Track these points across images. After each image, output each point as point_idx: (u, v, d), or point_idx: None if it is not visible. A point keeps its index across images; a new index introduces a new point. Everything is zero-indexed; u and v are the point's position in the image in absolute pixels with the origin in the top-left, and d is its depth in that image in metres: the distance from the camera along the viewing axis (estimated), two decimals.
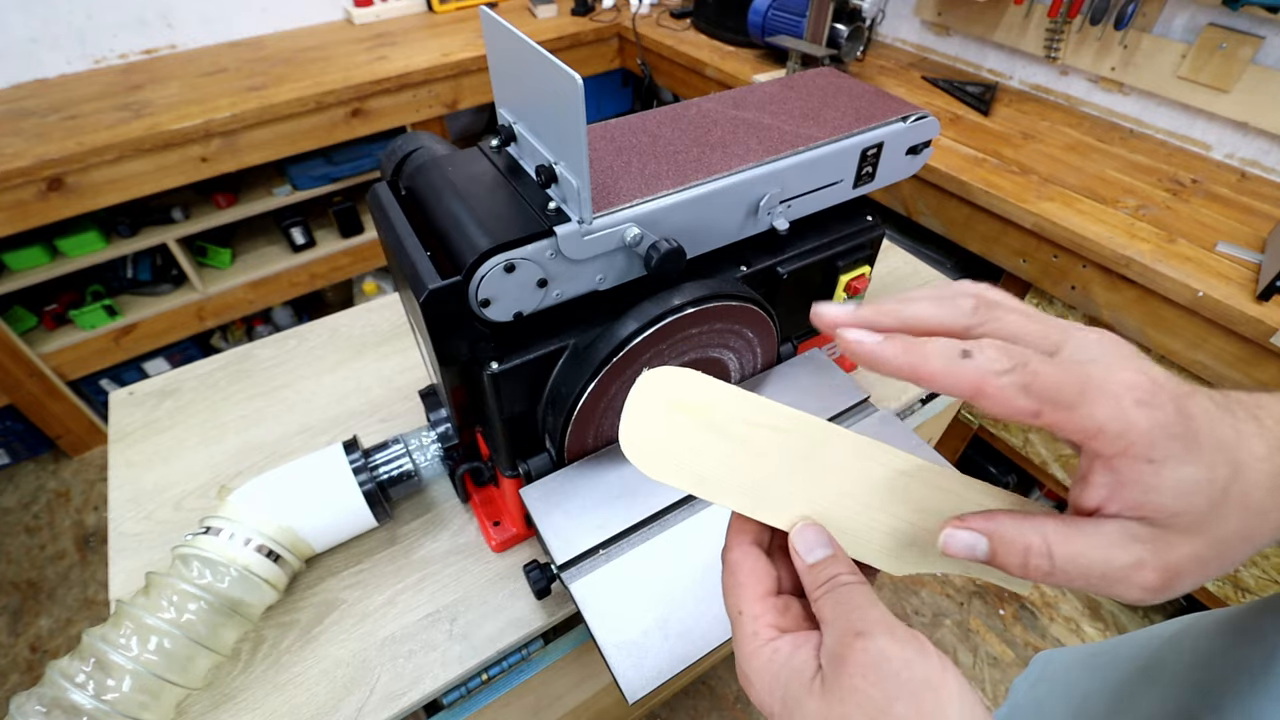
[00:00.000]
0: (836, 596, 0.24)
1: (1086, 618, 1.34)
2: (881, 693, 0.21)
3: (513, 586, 0.58)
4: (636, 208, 0.44)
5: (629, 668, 0.44)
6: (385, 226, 0.48)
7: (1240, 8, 1.06)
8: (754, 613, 0.26)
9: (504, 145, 0.48)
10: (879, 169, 0.57)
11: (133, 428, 0.72)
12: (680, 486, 0.28)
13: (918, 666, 0.21)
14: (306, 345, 0.82)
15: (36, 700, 0.41)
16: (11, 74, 1.53)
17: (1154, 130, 1.29)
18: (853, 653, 0.22)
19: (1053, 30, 1.32)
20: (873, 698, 0.21)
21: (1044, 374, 0.21)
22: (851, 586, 0.25)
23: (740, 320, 0.52)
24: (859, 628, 0.23)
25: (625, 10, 1.89)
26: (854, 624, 0.23)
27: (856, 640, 0.22)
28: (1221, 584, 1.10)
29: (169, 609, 0.46)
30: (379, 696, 0.51)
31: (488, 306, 0.42)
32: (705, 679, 1.26)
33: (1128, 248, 0.98)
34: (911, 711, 0.21)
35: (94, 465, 1.72)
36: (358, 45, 1.71)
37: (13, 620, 1.42)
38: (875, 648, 0.22)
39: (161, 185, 1.40)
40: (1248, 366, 0.91)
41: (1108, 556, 0.22)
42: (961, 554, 0.24)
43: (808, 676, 0.23)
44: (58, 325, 1.55)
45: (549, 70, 0.37)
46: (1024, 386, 0.21)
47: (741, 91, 0.59)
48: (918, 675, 0.21)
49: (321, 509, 0.54)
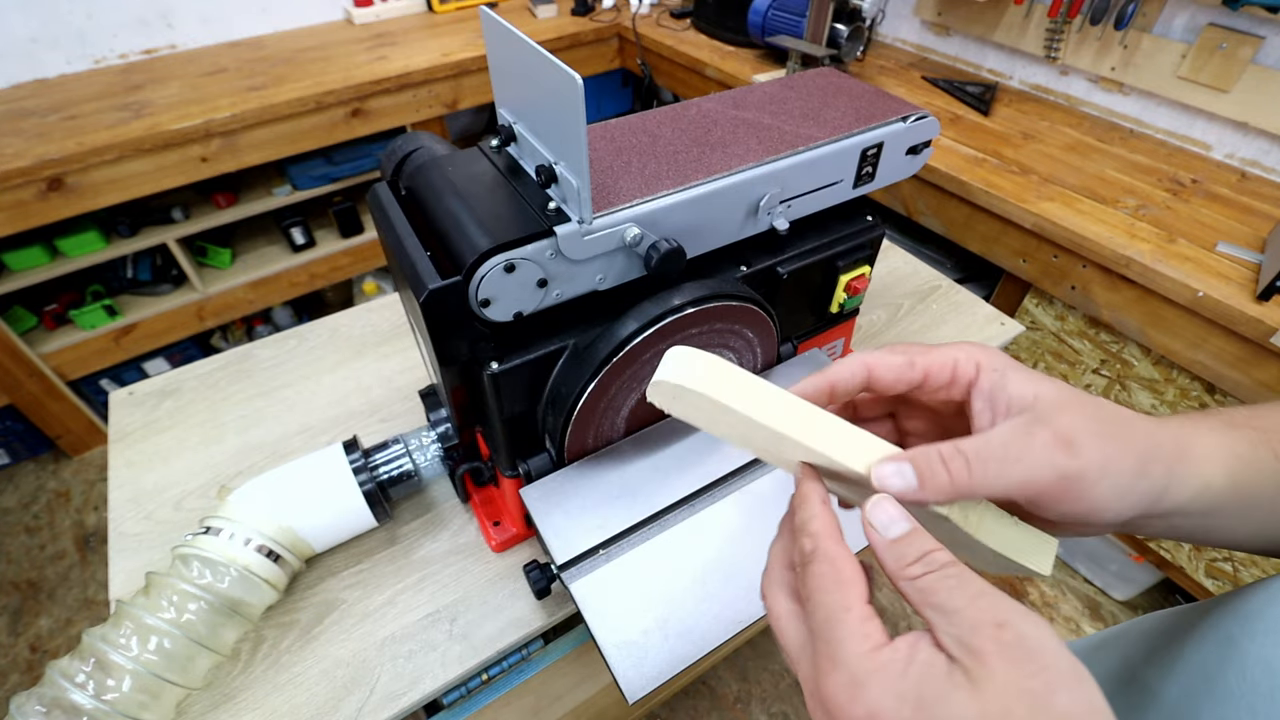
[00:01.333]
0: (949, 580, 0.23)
1: (1086, 618, 1.34)
2: (1042, 683, 0.20)
3: (513, 586, 0.58)
4: (636, 208, 0.44)
5: (629, 668, 0.44)
6: (385, 226, 0.48)
7: (1240, 8, 1.06)
8: (865, 613, 0.24)
9: (504, 145, 0.48)
10: (879, 169, 0.57)
11: (133, 428, 0.72)
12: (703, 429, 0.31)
13: (1064, 654, 0.21)
14: (306, 345, 0.82)
15: (36, 700, 0.41)
16: (11, 74, 1.53)
17: (1154, 130, 1.29)
18: (999, 644, 0.21)
19: (1053, 30, 1.32)
20: (1032, 689, 0.20)
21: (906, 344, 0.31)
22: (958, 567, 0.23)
23: (740, 320, 0.52)
24: (998, 617, 0.21)
25: (625, 10, 1.89)
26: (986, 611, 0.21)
27: (999, 631, 0.21)
28: (1221, 584, 1.11)
29: (169, 609, 0.46)
30: (379, 696, 0.51)
31: (488, 306, 0.42)
32: (705, 679, 1.26)
33: (1128, 248, 0.98)
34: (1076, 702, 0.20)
35: (94, 465, 1.72)
36: (358, 45, 1.71)
37: (13, 620, 1.42)
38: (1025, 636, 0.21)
39: (161, 185, 1.40)
40: (1248, 366, 0.91)
41: (1006, 439, 0.26)
42: (894, 485, 0.26)
43: (943, 672, 0.21)
44: (58, 325, 1.55)
45: (549, 70, 0.37)
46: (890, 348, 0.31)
47: (741, 91, 0.59)
48: (1065, 663, 0.20)
49: (321, 509, 0.54)
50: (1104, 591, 1.37)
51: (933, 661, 0.22)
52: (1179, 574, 1.17)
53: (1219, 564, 1.10)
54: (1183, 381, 1.02)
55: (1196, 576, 1.14)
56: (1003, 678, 0.20)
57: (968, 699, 0.20)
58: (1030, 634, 0.21)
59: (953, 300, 0.87)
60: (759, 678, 1.27)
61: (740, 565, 0.49)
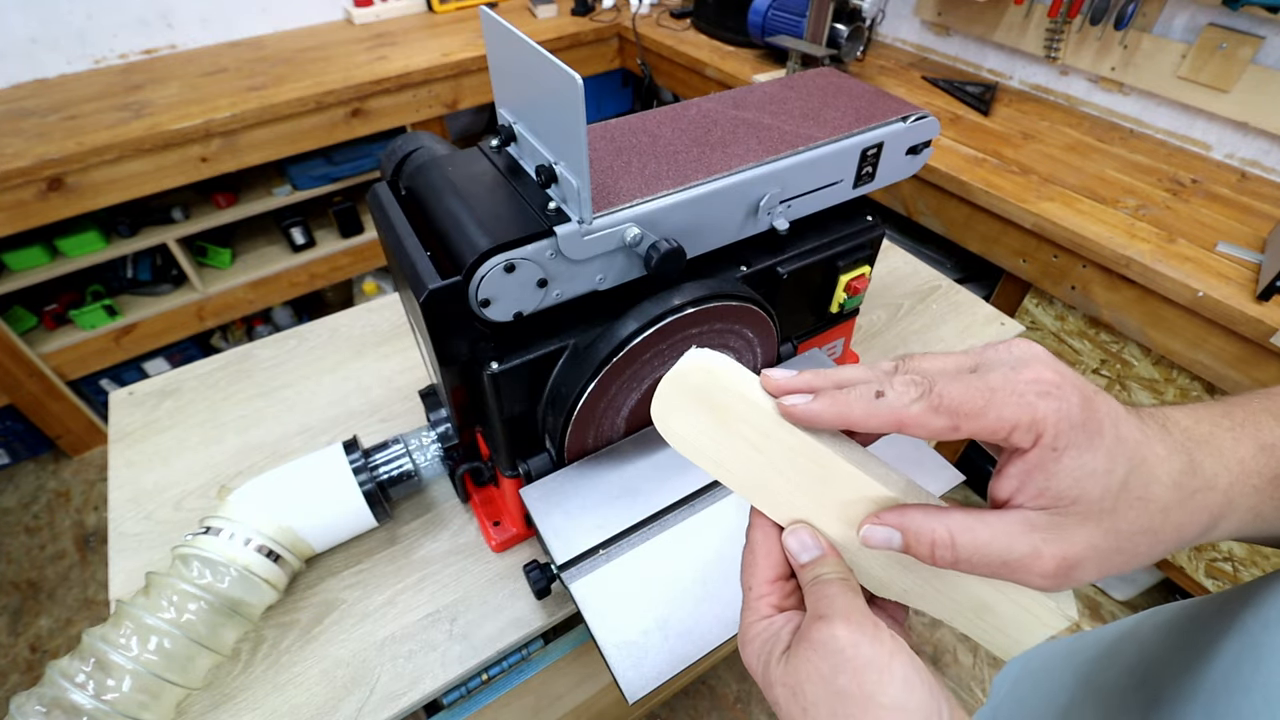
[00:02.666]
0: (816, 589, 0.28)
1: (1086, 618, 1.34)
2: (829, 666, 0.25)
3: (513, 586, 0.58)
4: (636, 208, 0.44)
5: (629, 668, 0.44)
6: (385, 226, 0.48)
7: (1240, 8, 1.06)
8: (760, 592, 0.30)
9: (504, 145, 0.48)
10: (879, 169, 0.57)
11: (133, 428, 0.72)
12: (699, 465, 0.31)
13: (864, 648, 0.25)
14: (306, 345, 0.82)
15: (36, 700, 0.41)
16: (11, 74, 1.53)
17: (1154, 130, 1.29)
18: (812, 632, 0.26)
19: (1053, 30, 1.32)
20: (820, 670, 0.25)
21: (950, 393, 0.24)
22: (830, 580, 0.28)
23: (740, 320, 0.52)
24: (822, 613, 0.26)
25: (625, 10, 1.89)
26: (819, 609, 0.27)
27: (816, 622, 0.26)
28: (1221, 583, 1.11)
29: (169, 609, 0.46)
30: (379, 696, 0.51)
31: (488, 306, 0.42)
32: (705, 679, 1.26)
33: (1128, 248, 0.98)
34: (853, 685, 0.24)
35: (94, 465, 1.72)
36: (358, 45, 1.71)
37: (13, 620, 1.42)
38: (829, 629, 0.25)
39: (161, 185, 1.40)
40: (1248, 366, 0.91)
41: (1007, 545, 0.24)
42: (879, 545, 0.27)
43: (781, 649, 0.27)
44: (58, 325, 1.55)
45: (549, 70, 0.37)
46: (934, 408, 0.24)
47: (741, 91, 0.59)
48: (863, 655, 0.25)
49: (321, 509, 0.54)
50: (1104, 591, 1.37)
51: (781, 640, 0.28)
52: (1179, 574, 1.17)
53: (1219, 564, 1.10)
54: (1183, 381, 1.02)
55: (1196, 576, 1.14)
56: (804, 657, 0.26)
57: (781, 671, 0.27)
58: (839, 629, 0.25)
59: (953, 300, 0.87)
60: None
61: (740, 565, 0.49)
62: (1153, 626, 0.39)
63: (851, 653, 0.25)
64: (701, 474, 0.53)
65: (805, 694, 0.25)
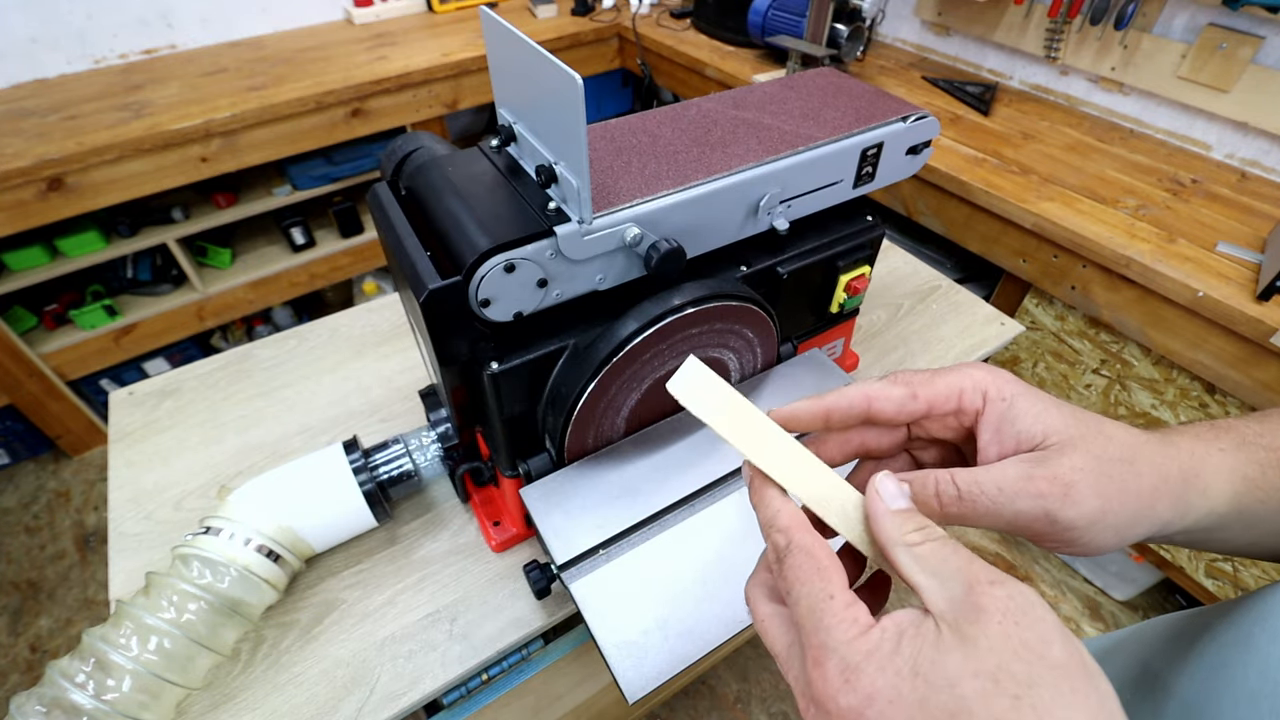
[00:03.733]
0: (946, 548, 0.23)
1: (1086, 618, 1.34)
2: (1036, 635, 0.20)
3: (513, 586, 0.58)
4: (636, 208, 0.44)
5: (629, 668, 0.44)
6: (385, 226, 0.48)
7: (1240, 8, 1.06)
8: (848, 598, 0.23)
9: (504, 145, 0.48)
10: (879, 169, 0.57)
11: (133, 428, 0.72)
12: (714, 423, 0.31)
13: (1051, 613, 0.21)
14: (306, 345, 0.82)
15: (36, 700, 0.41)
16: (11, 74, 1.53)
17: (1154, 130, 1.29)
18: (994, 600, 0.21)
19: (1053, 30, 1.32)
20: (1027, 641, 0.20)
21: (910, 372, 0.30)
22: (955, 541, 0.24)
23: (740, 320, 0.52)
24: (991, 576, 0.22)
25: (625, 10, 1.89)
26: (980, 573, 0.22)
27: (993, 588, 0.21)
28: (1221, 584, 1.11)
29: (169, 609, 0.46)
30: (379, 696, 0.51)
31: (488, 306, 0.42)
32: (705, 679, 1.26)
33: (1128, 248, 0.98)
34: (1070, 655, 0.20)
35: (94, 465, 1.72)
36: (358, 45, 1.71)
37: (13, 620, 1.42)
38: (1020, 594, 0.21)
39: (161, 185, 1.40)
40: (1248, 366, 0.91)
41: (1000, 475, 0.26)
42: (890, 495, 0.26)
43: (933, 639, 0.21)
44: (58, 325, 1.55)
45: (549, 70, 0.37)
46: (893, 380, 0.30)
47: (741, 91, 0.59)
48: (1054, 619, 0.21)
49: (321, 509, 0.54)
50: (1104, 591, 1.37)
51: (922, 631, 0.21)
52: (1179, 574, 1.17)
53: (1219, 564, 1.10)
54: (1183, 381, 1.02)
55: (1196, 577, 1.14)
56: (997, 631, 0.20)
57: (963, 659, 0.20)
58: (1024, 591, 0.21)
59: (953, 300, 0.87)
60: (759, 678, 1.27)
61: (740, 565, 0.49)
62: (1154, 635, 0.39)
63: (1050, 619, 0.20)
64: (702, 474, 0.53)
65: (1014, 674, 0.19)
